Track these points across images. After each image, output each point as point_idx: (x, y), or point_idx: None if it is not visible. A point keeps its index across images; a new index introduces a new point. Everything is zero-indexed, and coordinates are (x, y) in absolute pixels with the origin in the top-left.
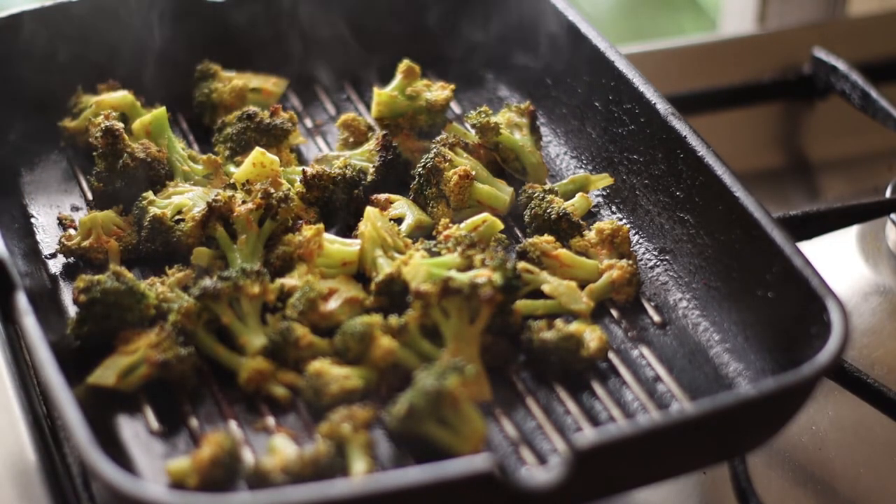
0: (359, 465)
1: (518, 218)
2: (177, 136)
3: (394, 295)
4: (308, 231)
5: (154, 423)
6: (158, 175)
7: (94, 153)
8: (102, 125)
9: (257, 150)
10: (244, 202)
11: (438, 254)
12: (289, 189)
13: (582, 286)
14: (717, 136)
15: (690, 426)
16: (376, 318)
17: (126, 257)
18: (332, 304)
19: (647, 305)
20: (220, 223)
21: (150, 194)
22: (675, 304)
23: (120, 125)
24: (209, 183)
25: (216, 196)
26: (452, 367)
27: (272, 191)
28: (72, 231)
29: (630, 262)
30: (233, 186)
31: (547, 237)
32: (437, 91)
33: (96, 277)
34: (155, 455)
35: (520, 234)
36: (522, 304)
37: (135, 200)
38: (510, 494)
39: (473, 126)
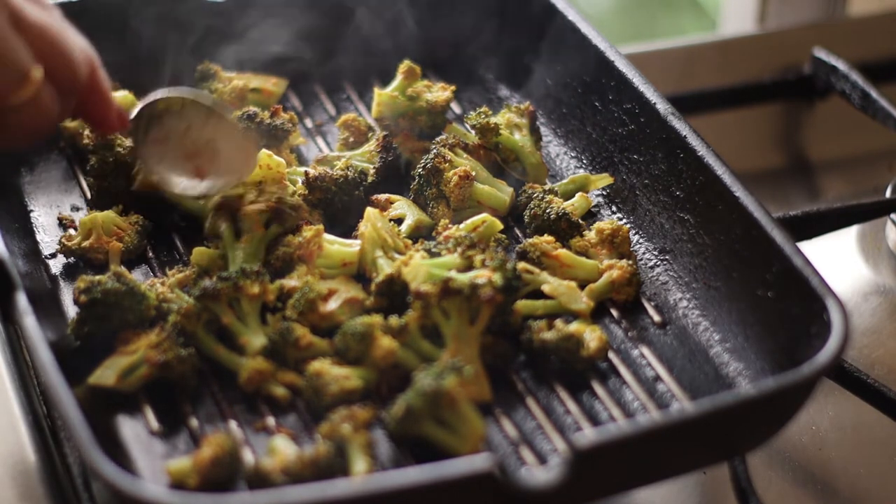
0: (359, 465)
1: (518, 218)
2: None
3: (394, 295)
4: (308, 232)
5: (154, 423)
6: None
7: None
8: None
9: (263, 151)
10: (253, 202)
11: (438, 254)
12: (299, 196)
13: (582, 286)
14: (717, 136)
15: (690, 426)
16: (376, 319)
17: (126, 258)
18: (332, 305)
19: (647, 305)
20: (228, 220)
21: None
22: (675, 304)
23: None
24: None
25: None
26: (451, 368)
27: (286, 199)
28: (72, 231)
29: (630, 262)
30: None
31: (547, 237)
32: (438, 92)
33: (97, 278)
34: (155, 455)
35: (520, 234)
36: (522, 305)
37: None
38: (510, 494)
39: (473, 127)
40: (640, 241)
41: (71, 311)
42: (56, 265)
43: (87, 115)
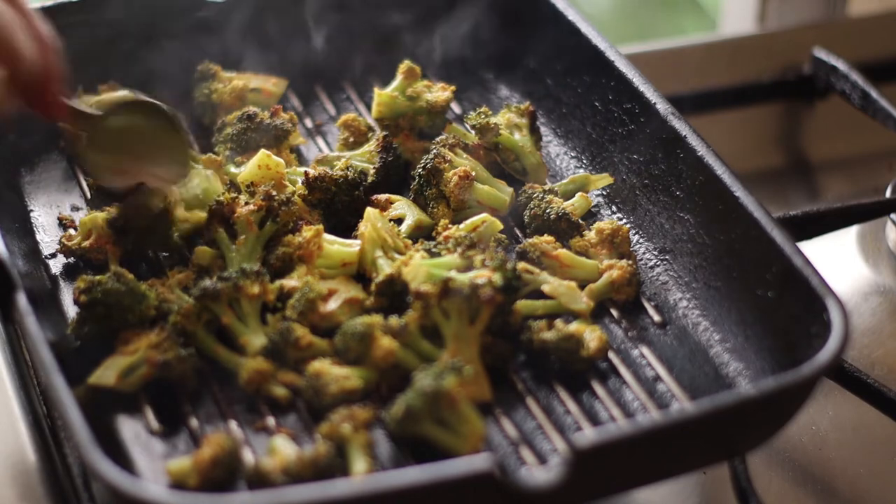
0: (359, 465)
1: (518, 218)
2: None
3: (394, 295)
4: (308, 232)
5: (154, 423)
6: None
7: None
8: None
9: (262, 152)
10: (247, 203)
11: (438, 254)
12: (293, 193)
13: (582, 286)
14: (717, 136)
15: (690, 426)
16: (376, 319)
17: (126, 258)
18: (332, 305)
19: (647, 305)
20: (222, 225)
21: None
22: (675, 304)
23: None
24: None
25: (219, 198)
26: (450, 368)
27: (274, 193)
28: (72, 231)
29: (630, 262)
30: (236, 188)
31: (547, 237)
32: (438, 92)
33: (97, 278)
34: (155, 455)
35: (520, 235)
36: (522, 305)
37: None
38: (510, 494)
39: (473, 127)
40: (640, 241)
41: (71, 311)
42: (56, 265)
43: (32, 103)
